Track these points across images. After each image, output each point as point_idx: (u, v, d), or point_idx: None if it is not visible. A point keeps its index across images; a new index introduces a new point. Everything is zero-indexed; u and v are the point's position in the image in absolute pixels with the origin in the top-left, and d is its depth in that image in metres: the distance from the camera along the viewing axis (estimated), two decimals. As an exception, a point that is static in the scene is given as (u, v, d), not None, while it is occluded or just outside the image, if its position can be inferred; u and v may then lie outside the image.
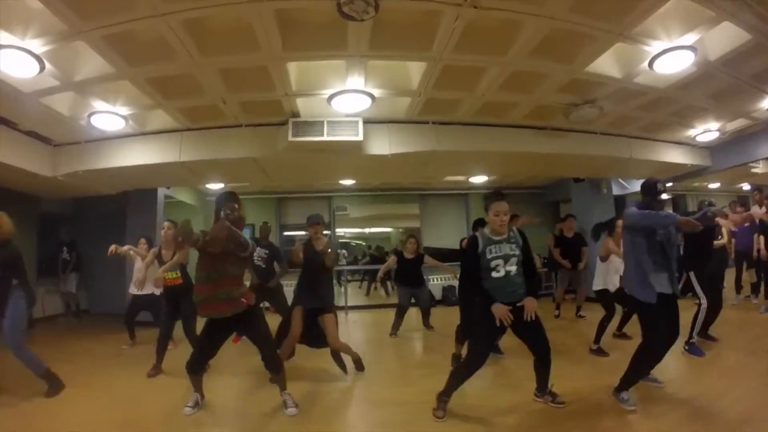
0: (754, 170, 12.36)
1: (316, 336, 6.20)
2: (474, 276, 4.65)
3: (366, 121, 7.86)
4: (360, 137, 7.72)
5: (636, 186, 13.68)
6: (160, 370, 6.55)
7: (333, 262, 6.26)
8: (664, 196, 4.92)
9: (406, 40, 5.68)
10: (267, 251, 8.32)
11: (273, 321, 6.20)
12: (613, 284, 7.06)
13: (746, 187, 16.03)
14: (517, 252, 4.57)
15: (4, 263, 5.36)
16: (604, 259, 7.07)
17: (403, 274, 9.13)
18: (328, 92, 6.92)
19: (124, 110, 7.44)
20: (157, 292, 7.21)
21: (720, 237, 9.40)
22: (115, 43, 5.44)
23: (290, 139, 7.61)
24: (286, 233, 14.87)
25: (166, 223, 6.93)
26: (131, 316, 8.48)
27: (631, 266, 4.88)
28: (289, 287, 7.71)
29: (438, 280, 13.77)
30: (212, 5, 4.87)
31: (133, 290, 8.10)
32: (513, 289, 4.54)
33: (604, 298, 7.21)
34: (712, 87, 7.60)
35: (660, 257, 4.69)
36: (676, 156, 10.82)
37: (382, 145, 8.29)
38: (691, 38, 5.79)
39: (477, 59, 6.25)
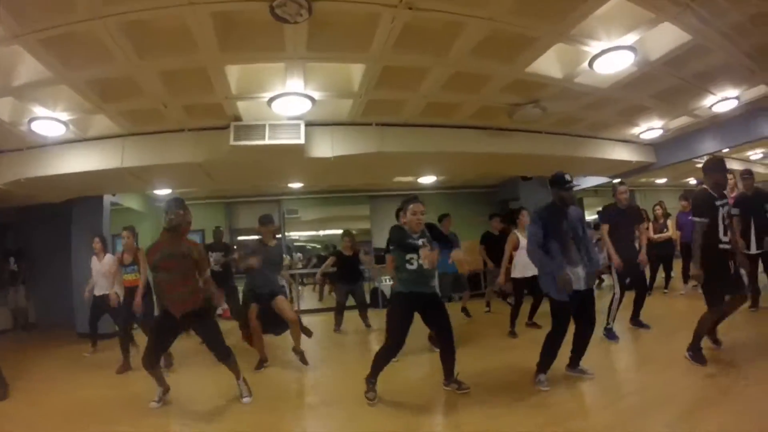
0: (698, 165, 12.45)
1: (274, 322, 6.80)
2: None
3: (308, 124, 7.82)
4: (302, 140, 7.68)
5: (586, 182, 13.99)
6: (129, 367, 7.02)
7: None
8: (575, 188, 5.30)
9: (344, 42, 5.66)
10: (223, 254, 8.70)
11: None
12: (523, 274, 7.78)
13: (692, 181, 16.52)
14: (428, 248, 4.97)
15: None
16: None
17: (342, 271, 9.59)
18: (268, 95, 6.87)
19: (65, 115, 7.25)
20: (120, 291, 7.64)
21: (665, 230, 9.74)
22: (52, 46, 5.30)
23: (231, 143, 7.56)
24: (239, 237, 14.61)
25: (125, 232, 7.53)
26: (95, 320, 8.44)
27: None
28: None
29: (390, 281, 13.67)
30: (150, 8, 4.81)
31: (98, 291, 8.15)
32: (425, 280, 5.10)
33: (516, 286, 7.99)
34: (654, 86, 7.74)
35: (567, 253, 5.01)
36: (621, 153, 11.08)
37: (324, 148, 8.27)
38: (631, 38, 5.88)
39: (417, 59, 6.26)
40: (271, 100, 6.91)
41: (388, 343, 5.08)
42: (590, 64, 6.43)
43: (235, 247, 11.01)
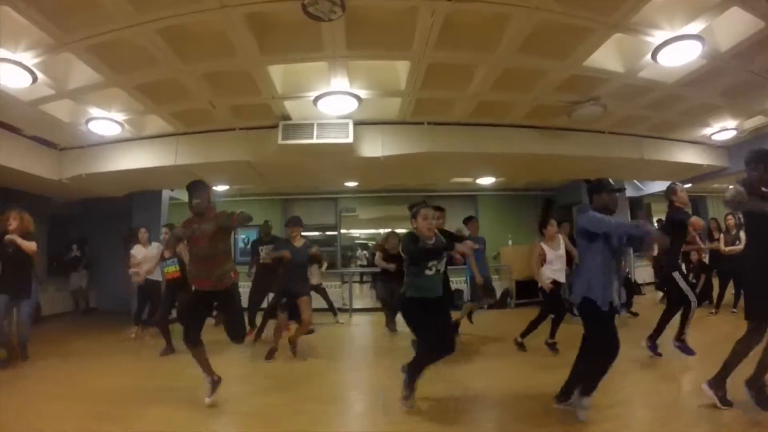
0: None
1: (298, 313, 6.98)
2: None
3: (357, 123, 7.75)
4: (350, 139, 7.63)
5: (652, 188, 13.28)
6: (172, 350, 7.38)
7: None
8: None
9: (384, 39, 5.55)
10: (273, 247, 8.51)
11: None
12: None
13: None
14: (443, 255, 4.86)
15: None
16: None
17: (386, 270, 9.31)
18: (313, 94, 6.84)
19: (120, 116, 7.57)
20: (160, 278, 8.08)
21: (738, 242, 8.98)
22: (99, 52, 5.58)
23: (280, 141, 7.59)
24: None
25: (164, 228, 7.83)
26: (142, 307, 8.77)
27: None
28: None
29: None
30: (183, 13, 4.89)
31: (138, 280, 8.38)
32: (437, 285, 4.87)
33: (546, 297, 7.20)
34: (724, 82, 7.09)
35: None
36: (691, 156, 10.34)
37: (374, 147, 8.19)
38: (696, 27, 5.38)
39: (462, 57, 6.08)
40: (317, 99, 6.87)
41: (427, 348, 4.87)
42: (653, 56, 5.91)
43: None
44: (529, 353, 6.95)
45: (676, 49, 5.72)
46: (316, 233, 14.37)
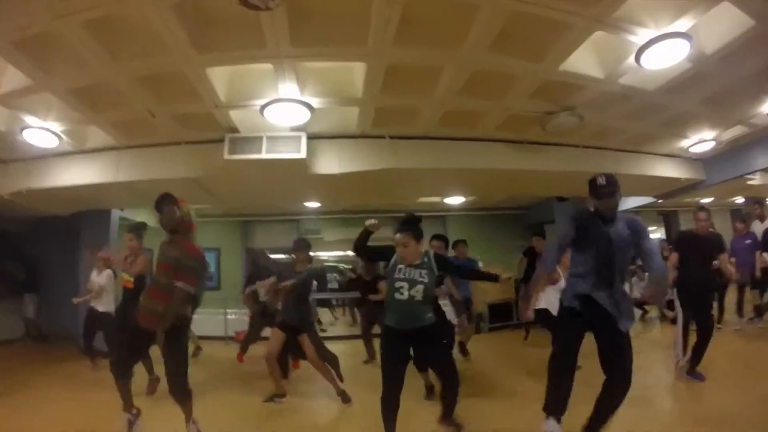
0: (750, 182, 11.46)
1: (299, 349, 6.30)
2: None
3: (312, 137, 7.18)
4: (302, 154, 6.99)
5: (627, 203, 12.94)
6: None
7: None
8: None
9: (334, 32, 4.97)
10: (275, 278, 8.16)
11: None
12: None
13: (739, 200, 15.25)
14: (426, 279, 4.33)
15: None
16: None
17: (362, 297, 9.11)
18: (260, 102, 6.23)
19: (56, 126, 6.99)
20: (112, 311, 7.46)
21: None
22: (24, 48, 5.02)
23: (225, 157, 6.97)
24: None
25: (127, 235, 6.80)
26: (90, 335, 7.89)
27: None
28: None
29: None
30: (106, 3, 4.41)
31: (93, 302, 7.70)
32: (416, 314, 4.34)
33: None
34: (708, 88, 6.70)
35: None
36: (668, 170, 10.04)
37: (330, 163, 7.59)
38: (684, 24, 4.91)
39: (425, 55, 5.49)
40: (264, 107, 6.25)
41: (382, 391, 4.33)
42: (637, 58, 5.40)
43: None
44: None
45: (661, 49, 5.21)
46: (282, 255, 13.70)
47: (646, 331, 10.66)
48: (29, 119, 6.72)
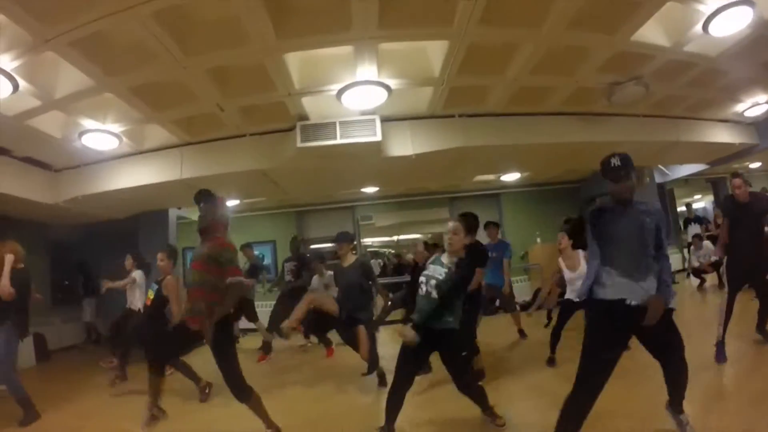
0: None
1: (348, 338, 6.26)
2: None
3: (384, 119, 7.06)
4: (378, 137, 6.89)
5: (678, 171, 12.77)
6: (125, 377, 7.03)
7: None
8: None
9: (423, 13, 4.84)
10: (295, 263, 8.42)
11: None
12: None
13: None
14: (442, 277, 4.29)
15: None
16: None
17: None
18: (336, 86, 6.09)
19: (116, 127, 6.84)
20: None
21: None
22: (85, 48, 4.86)
23: (299, 145, 6.83)
24: (311, 247, 13.87)
25: (159, 254, 6.88)
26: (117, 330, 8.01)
27: None
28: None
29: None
30: None
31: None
32: (433, 313, 4.26)
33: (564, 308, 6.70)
34: (766, 53, 6.64)
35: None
36: (722, 135, 9.91)
37: (403, 145, 7.47)
38: None
39: (507, 33, 5.39)
40: (341, 92, 6.13)
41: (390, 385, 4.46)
42: (704, 27, 5.40)
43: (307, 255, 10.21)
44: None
45: (728, 17, 5.28)
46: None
47: (704, 301, 10.46)
48: (87, 123, 6.64)
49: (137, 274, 7.66)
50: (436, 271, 4.35)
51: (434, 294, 4.24)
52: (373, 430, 4.32)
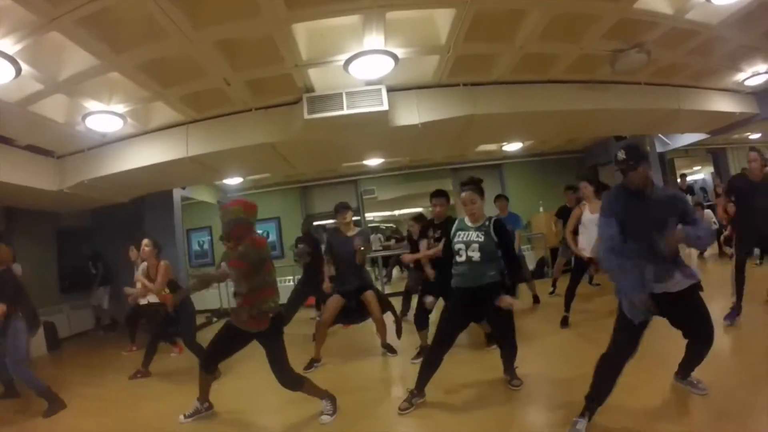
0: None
1: (350, 311, 6.48)
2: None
3: (390, 89, 7.05)
4: (385, 106, 6.88)
5: (679, 141, 12.81)
6: (147, 374, 6.89)
7: (363, 258, 6.41)
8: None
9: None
10: (305, 245, 8.51)
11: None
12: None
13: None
14: (482, 239, 4.45)
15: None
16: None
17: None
18: (344, 57, 6.06)
19: (121, 107, 6.81)
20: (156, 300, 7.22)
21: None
22: (92, 26, 4.81)
23: (306, 117, 6.82)
24: (315, 223, 13.94)
25: (145, 240, 7.17)
26: (134, 321, 8.83)
27: None
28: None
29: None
30: None
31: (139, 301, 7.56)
32: (475, 274, 4.47)
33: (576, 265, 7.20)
34: (765, 22, 6.76)
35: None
36: (723, 104, 9.95)
37: (410, 114, 7.44)
38: None
39: (514, 0, 5.44)
40: (348, 62, 6.10)
41: (430, 346, 4.67)
42: None
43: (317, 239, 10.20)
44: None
45: None
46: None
47: (704, 270, 10.49)
48: (91, 104, 6.60)
49: (142, 271, 7.56)
50: (471, 236, 4.47)
51: (476, 257, 4.40)
52: (404, 395, 4.56)
